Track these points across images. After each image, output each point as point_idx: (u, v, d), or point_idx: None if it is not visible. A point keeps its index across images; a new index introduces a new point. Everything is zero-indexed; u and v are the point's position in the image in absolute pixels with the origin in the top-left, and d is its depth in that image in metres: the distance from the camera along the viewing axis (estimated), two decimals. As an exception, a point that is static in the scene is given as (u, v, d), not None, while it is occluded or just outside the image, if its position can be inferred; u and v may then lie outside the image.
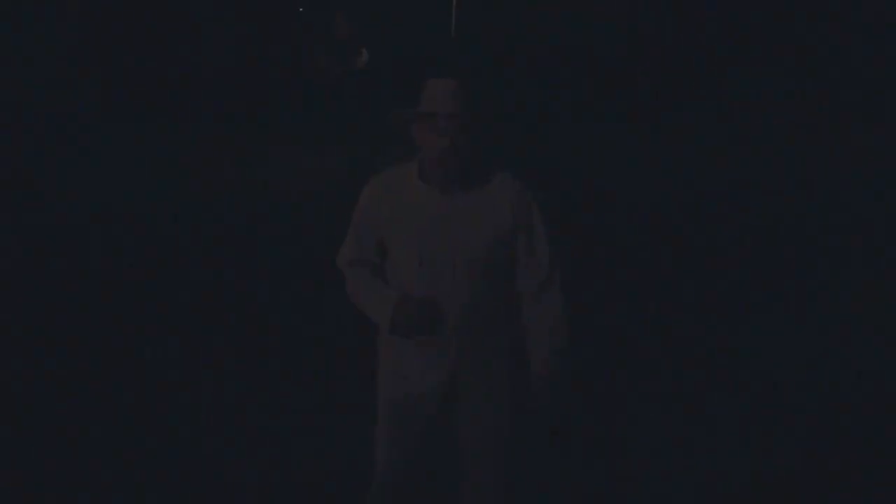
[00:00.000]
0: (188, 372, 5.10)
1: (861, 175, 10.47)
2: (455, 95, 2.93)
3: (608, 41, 14.03)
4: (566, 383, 3.03)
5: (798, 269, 7.37)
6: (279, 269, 6.78)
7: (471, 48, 13.28)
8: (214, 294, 6.23)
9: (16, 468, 4.10)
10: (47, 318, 5.75)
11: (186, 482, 4.05)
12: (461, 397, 3.09)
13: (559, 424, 3.06)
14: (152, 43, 13.19)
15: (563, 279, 3.05)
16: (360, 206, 3.12)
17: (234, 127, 11.56)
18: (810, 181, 10.27)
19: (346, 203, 3.26)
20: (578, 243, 6.90)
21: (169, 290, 6.31)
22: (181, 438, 4.40)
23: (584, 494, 4.05)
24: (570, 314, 3.04)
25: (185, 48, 13.42)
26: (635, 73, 13.78)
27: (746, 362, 5.47)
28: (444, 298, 2.98)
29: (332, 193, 8.25)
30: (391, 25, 12.59)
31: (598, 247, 7.36)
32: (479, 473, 3.14)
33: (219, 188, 9.21)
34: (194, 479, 4.07)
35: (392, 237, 3.05)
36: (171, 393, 4.85)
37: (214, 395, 4.83)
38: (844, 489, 4.16)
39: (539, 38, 13.73)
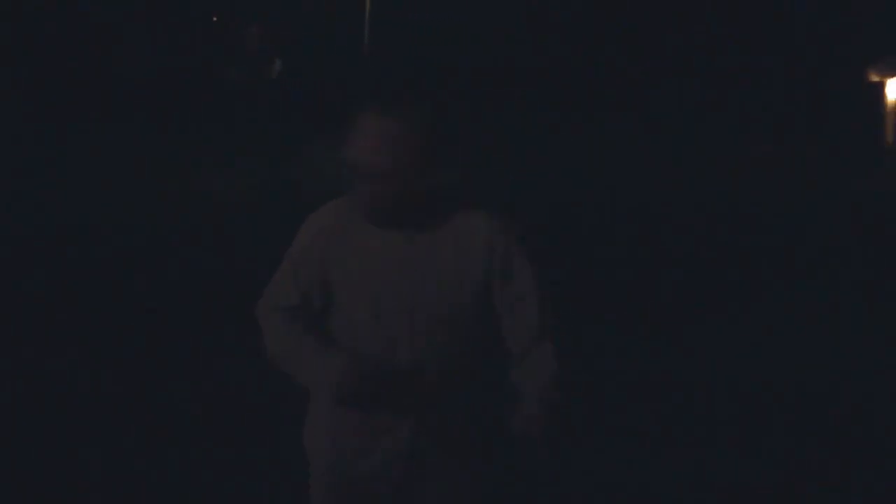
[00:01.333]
0: (186, 374, 5.10)
1: (860, 176, 10.48)
2: (385, 140, 2.39)
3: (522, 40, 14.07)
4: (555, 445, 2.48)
5: (797, 270, 7.38)
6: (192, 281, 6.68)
7: (384, 58, 13.29)
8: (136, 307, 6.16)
9: (16, 468, 4.10)
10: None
11: (186, 482, 4.05)
12: (422, 472, 2.59)
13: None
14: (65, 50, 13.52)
15: (558, 335, 2.53)
16: (302, 244, 2.57)
17: (140, 136, 11.44)
18: (809, 182, 10.27)
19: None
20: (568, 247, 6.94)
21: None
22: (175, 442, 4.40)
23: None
24: (564, 376, 2.49)
25: (100, 57, 13.72)
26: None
27: (745, 364, 5.47)
28: (401, 357, 2.50)
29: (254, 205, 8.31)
30: (303, 35, 12.66)
31: (593, 249, 7.37)
32: None
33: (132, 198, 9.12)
34: (194, 479, 4.07)
35: (341, 285, 2.53)
36: (164, 396, 4.84)
37: (208, 398, 4.82)
38: (844, 490, 4.16)
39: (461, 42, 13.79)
